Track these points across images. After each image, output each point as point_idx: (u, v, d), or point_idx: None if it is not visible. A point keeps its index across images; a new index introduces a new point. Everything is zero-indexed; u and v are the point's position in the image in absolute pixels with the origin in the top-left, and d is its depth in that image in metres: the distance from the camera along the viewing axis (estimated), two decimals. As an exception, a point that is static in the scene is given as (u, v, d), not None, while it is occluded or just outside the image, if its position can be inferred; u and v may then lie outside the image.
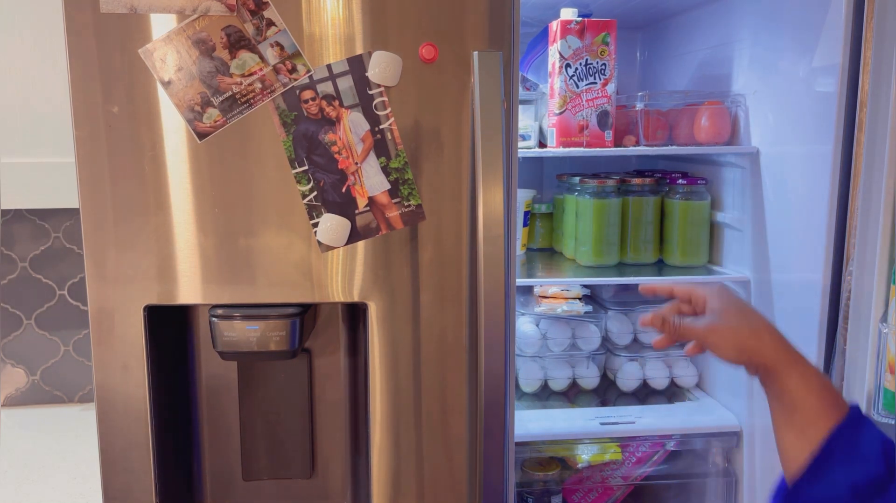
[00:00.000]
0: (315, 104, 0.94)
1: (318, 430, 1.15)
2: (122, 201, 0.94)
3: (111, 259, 0.94)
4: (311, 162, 0.95)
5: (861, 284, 1.12)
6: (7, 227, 1.62)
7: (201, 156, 0.94)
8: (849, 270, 1.14)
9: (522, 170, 1.78)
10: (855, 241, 1.13)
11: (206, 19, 0.91)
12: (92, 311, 0.95)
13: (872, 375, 1.10)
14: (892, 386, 1.08)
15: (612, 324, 1.62)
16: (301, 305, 0.99)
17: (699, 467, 1.56)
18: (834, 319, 1.20)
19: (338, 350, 1.13)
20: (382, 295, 0.98)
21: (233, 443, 1.14)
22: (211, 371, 1.12)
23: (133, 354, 0.96)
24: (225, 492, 1.16)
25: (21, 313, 1.65)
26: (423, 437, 1.02)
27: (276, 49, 0.92)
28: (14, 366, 1.66)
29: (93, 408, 0.97)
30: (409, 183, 0.96)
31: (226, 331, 0.97)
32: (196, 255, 0.95)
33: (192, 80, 0.92)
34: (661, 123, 1.48)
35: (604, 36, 1.40)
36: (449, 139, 0.96)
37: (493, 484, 0.97)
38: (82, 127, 0.92)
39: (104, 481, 0.99)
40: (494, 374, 0.95)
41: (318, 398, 1.14)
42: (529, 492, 1.51)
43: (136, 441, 0.98)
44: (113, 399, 0.97)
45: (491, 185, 0.93)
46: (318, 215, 0.96)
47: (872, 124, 1.09)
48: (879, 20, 1.07)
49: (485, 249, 0.93)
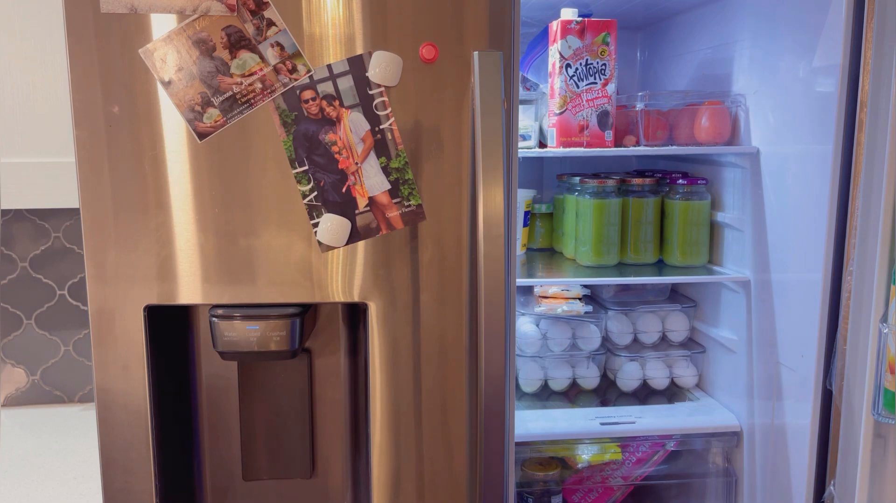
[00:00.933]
0: (315, 104, 0.94)
1: (318, 430, 1.15)
2: (122, 201, 0.94)
3: (111, 259, 0.94)
4: (311, 162, 0.95)
5: (861, 284, 1.12)
6: (7, 226, 1.62)
7: (201, 156, 0.94)
8: (849, 270, 1.15)
9: (522, 170, 1.78)
10: (855, 241, 1.13)
11: (206, 19, 0.91)
12: (92, 311, 0.95)
13: (872, 375, 1.10)
14: (892, 386, 1.08)
15: (613, 325, 1.62)
16: (301, 305, 0.99)
17: (699, 467, 1.56)
18: (834, 319, 1.20)
19: (338, 350, 1.13)
20: (382, 295, 0.98)
21: (233, 443, 1.14)
22: (211, 371, 1.12)
23: (133, 354, 0.96)
24: (225, 492, 1.16)
25: (21, 313, 1.65)
26: (423, 437, 1.02)
27: (276, 49, 0.92)
28: (14, 366, 1.66)
29: (93, 408, 0.97)
30: (409, 183, 0.96)
31: (226, 331, 0.97)
32: (196, 255, 0.95)
33: (192, 80, 0.92)
34: (661, 123, 1.48)
35: (604, 36, 1.41)
36: (449, 139, 0.96)
37: (493, 484, 0.97)
38: (82, 127, 0.92)
39: (104, 481, 0.99)
40: (494, 374, 0.95)
41: (318, 398, 1.14)
42: (529, 492, 1.51)
43: (136, 441, 0.98)
44: (113, 399, 0.97)
45: (491, 185, 0.93)
46: (319, 215, 0.96)
47: (873, 124, 1.09)
48: (879, 20, 1.07)
49: (485, 249, 0.93)
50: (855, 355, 1.13)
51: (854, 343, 1.13)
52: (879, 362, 1.09)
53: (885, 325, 1.08)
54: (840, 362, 1.16)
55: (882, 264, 1.08)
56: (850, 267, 1.14)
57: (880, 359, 1.09)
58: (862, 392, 1.11)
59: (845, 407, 1.15)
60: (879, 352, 1.09)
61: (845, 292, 1.14)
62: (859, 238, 1.11)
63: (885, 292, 1.08)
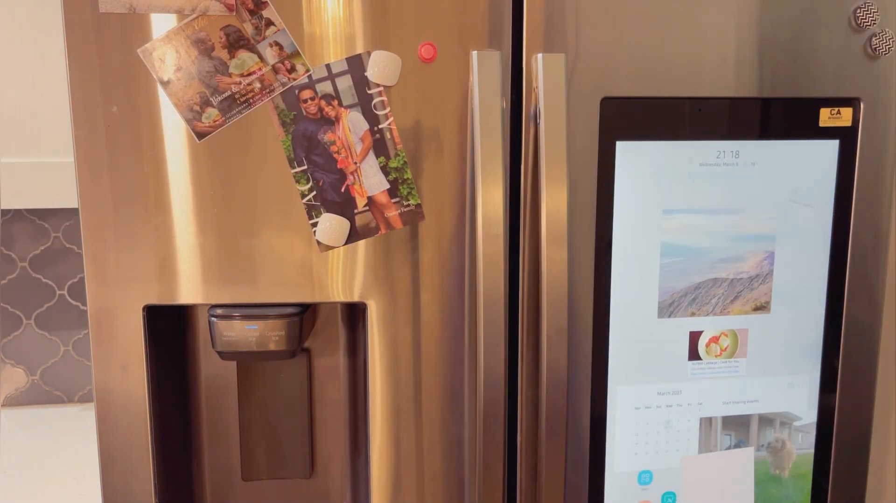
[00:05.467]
0: (314, 104, 0.94)
1: (318, 430, 1.15)
2: (121, 201, 0.94)
3: (111, 259, 0.95)
4: (310, 161, 0.95)
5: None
6: (7, 227, 1.62)
7: (201, 155, 0.94)
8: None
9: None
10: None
11: (205, 19, 0.91)
12: (91, 311, 0.95)
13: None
14: (892, 385, 1.08)
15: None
16: (301, 305, 0.99)
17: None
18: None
19: (338, 350, 1.13)
20: (382, 295, 0.98)
21: (233, 443, 1.14)
22: (211, 371, 1.12)
23: (133, 354, 0.96)
24: (225, 492, 1.16)
25: (21, 313, 1.65)
26: (423, 437, 1.02)
27: (275, 49, 0.92)
28: (14, 366, 1.66)
29: (93, 408, 0.97)
30: (408, 182, 0.96)
31: (225, 330, 0.98)
32: (196, 255, 0.95)
33: (191, 80, 0.92)
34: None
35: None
36: (448, 139, 0.96)
37: (493, 484, 0.97)
38: (82, 127, 0.92)
39: (104, 481, 0.99)
40: (494, 374, 0.95)
41: (317, 398, 1.15)
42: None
43: (135, 441, 0.98)
44: (113, 399, 0.97)
45: (490, 184, 0.93)
46: (318, 215, 0.96)
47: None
48: (879, 19, 1.07)
49: (483, 249, 0.93)
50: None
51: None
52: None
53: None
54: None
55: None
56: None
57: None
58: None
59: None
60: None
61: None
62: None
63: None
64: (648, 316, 1.04)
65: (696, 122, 1.01)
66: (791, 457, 1.11)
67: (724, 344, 1.06)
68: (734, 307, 1.05)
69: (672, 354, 1.05)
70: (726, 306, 1.05)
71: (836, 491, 1.12)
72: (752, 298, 1.06)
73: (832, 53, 1.01)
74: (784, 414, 1.09)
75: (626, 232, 1.01)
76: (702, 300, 1.04)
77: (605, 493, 1.07)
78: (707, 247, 1.03)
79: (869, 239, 1.06)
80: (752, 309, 1.06)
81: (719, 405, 1.08)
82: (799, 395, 1.09)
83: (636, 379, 1.05)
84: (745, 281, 1.05)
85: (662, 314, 1.04)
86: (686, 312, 1.04)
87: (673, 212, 1.02)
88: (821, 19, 1.01)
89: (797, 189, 1.04)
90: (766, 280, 1.05)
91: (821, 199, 1.05)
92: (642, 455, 1.07)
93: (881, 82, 1.03)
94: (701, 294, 1.04)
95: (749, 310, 1.06)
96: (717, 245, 1.04)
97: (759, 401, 1.08)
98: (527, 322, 1.00)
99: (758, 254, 1.05)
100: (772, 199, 1.04)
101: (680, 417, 1.07)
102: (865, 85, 1.03)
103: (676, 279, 1.03)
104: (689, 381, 1.06)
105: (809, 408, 1.10)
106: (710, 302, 1.05)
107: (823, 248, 1.06)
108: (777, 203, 1.04)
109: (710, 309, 1.05)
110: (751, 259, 1.05)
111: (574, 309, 1.01)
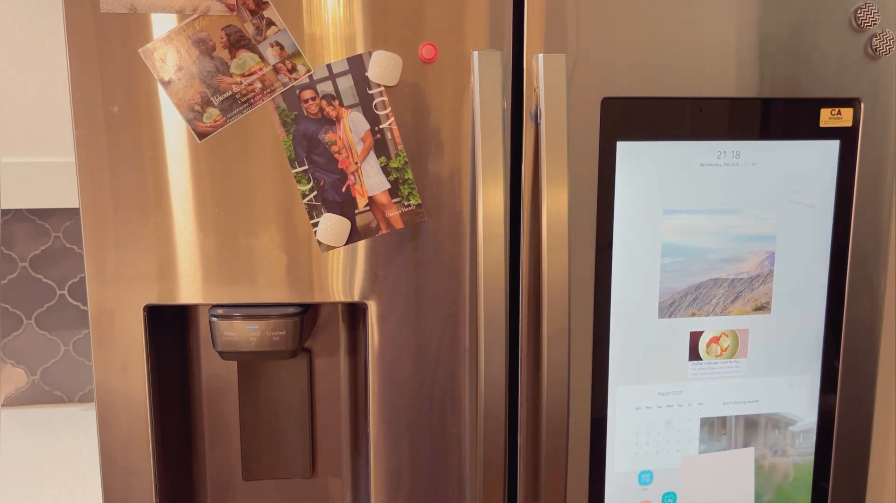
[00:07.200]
0: (315, 104, 0.94)
1: (318, 430, 1.15)
2: (121, 201, 0.94)
3: (111, 259, 0.95)
4: (310, 161, 0.95)
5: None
6: (7, 226, 1.62)
7: (201, 155, 0.94)
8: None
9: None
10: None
11: (206, 19, 0.91)
12: (92, 311, 0.95)
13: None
14: (892, 386, 1.08)
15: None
16: (301, 305, 0.99)
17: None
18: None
19: (338, 350, 1.13)
20: (382, 295, 0.98)
21: (233, 443, 1.14)
22: (211, 371, 1.12)
23: (133, 354, 0.96)
24: (225, 491, 1.16)
25: (21, 313, 1.65)
26: (423, 437, 1.02)
27: (275, 49, 0.92)
28: (14, 366, 1.66)
29: (93, 408, 0.97)
30: (409, 182, 0.96)
31: (225, 330, 0.98)
32: (196, 255, 0.95)
33: (192, 80, 0.92)
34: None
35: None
36: (449, 139, 0.96)
37: (493, 484, 0.97)
38: (82, 126, 0.92)
39: (104, 481, 0.99)
40: (494, 374, 0.95)
41: (318, 398, 1.15)
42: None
43: (136, 441, 0.98)
44: (113, 399, 0.97)
45: (491, 184, 0.93)
46: (318, 215, 0.96)
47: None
48: (880, 20, 1.07)
49: (484, 249, 0.93)
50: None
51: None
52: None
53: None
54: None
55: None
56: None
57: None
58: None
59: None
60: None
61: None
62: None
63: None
64: (649, 316, 1.04)
65: (697, 123, 1.01)
66: (790, 460, 1.11)
67: (725, 344, 1.06)
68: (735, 307, 1.05)
69: (673, 354, 1.05)
70: (727, 306, 1.05)
71: (837, 491, 1.12)
72: (752, 298, 1.06)
73: (833, 54, 1.02)
74: (784, 414, 1.09)
75: (626, 232, 1.01)
76: (702, 300, 1.04)
77: (606, 493, 1.07)
78: (708, 247, 1.03)
79: (869, 239, 1.06)
80: (752, 309, 1.06)
81: (720, 405, 1.08)
82: (799, 396, 1.09)
83: (637, 379, 1.05)
84: (746, 281, 1.05)
85: (663, 314, 1.04)
86: (687, 312, 1.04)
87: (674, 212, 1.02)
88: (821, 19, 1.01)
89: (798, 189, 1.04)
90: (766, 280, 1.05)
91: (821, 199, 1.05)
92: (643, 455, 1.07)
93: (882, 83, 1.03)
94: (701, 294, 1.04)
95: (749, 310, 1.06)
96: (717, 245, 1.04)
97: (759, 402, 1.08)
98: (527, 322, 1.00)
99: (758, 254, 1.05)
100: (772, 200, 1.04)
101: (680, 417, 1.07)
102: (866, 85, 1.03)
103: (677, 279, 1.03)
104: (690, 381, 1.06)
105: (810, 409, 1.10)
106: (710, 302, 1.05)
107: (824, 249, 1.06)
108: (778, 203, 1.04)
109: (710, 309, 1.05)
110: (751, 259, 1.05)
111: (574, 309, 1.01)
